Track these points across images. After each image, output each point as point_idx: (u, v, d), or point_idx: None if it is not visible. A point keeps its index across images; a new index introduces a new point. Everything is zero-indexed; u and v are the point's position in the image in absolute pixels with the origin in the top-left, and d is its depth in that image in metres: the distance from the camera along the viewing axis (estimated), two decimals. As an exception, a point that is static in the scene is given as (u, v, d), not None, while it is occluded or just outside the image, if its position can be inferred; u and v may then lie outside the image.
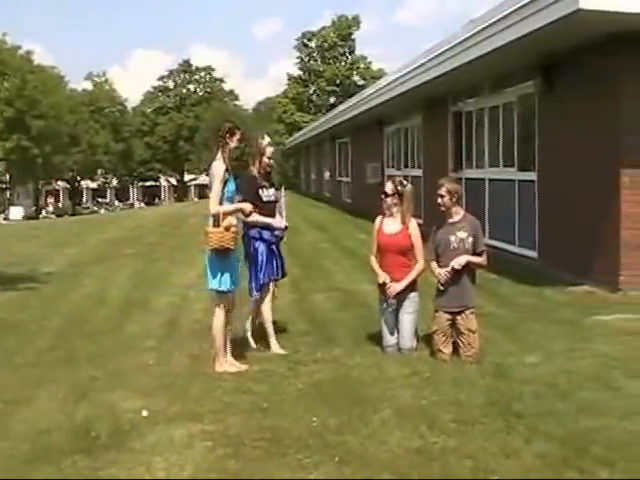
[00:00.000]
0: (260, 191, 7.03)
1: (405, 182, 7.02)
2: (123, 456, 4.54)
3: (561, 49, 10.47)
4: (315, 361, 6.58)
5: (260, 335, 7.24)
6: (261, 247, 7.02)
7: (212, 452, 4.57)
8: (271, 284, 7.18)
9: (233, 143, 6.42)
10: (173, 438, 4.81)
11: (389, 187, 6.93)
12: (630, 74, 9.41)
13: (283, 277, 7.46)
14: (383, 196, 6.96)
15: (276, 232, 7.09)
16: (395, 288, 6.74)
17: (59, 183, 78.38)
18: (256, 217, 6.79)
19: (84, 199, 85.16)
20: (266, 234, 7.03)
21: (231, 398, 5.61)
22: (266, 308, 7.12)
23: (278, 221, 7.10)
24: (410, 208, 6.93)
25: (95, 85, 78.11)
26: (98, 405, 5.53)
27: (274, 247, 7.14)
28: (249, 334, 7.28)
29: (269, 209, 7.10)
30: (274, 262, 7.12)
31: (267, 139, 7.25)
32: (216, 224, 6.21)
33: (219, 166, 6.30)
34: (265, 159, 7.11)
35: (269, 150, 7.15)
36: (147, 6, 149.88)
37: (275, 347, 7.07)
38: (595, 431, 4.68)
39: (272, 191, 7.19)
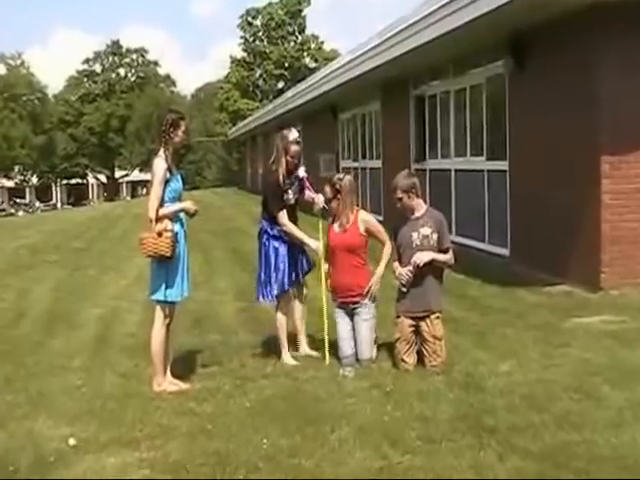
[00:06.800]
0: (284, 195, 7.10)
1: (341, 176, 7.09)
2: (46, 490, 4.49)
3: (533, 24, 10.53)
4: (264, 376, 6.60)
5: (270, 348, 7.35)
6: (281, 248, 7.07)
7: (149, 481, 4.55)
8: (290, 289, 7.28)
9: (178, 137, 6.40)
10: (105, 467, 4.79)
11: (327, 191, 6.93)
12: (611, 49, 9.38)
13: (307, 273, 7.51)
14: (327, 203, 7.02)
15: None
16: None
17: (-30, 182, 77.23)
18: (290, 227, 7.00)
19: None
20: None
21: (171, 421, 5.59)
22: (282, 317, 7.24)
23: (314, 243, 7.09)
24: (351, 202, 6.97)
25: (10, 69, 77.01)
26: (17, 435, 5.44)
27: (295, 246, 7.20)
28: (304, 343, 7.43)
29: (292, 209, 7.18)
30: (298, 264, 7.22)
31: (294, 134, 7.17)
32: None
33: (159, 163, 6.26)
34: (289, 158, 7.09)
35: (293, 149, 7.12)
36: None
37: (287, 359, 7.13)
38: (575, 445, 4.76)
39: (293, 188, 7.21)
